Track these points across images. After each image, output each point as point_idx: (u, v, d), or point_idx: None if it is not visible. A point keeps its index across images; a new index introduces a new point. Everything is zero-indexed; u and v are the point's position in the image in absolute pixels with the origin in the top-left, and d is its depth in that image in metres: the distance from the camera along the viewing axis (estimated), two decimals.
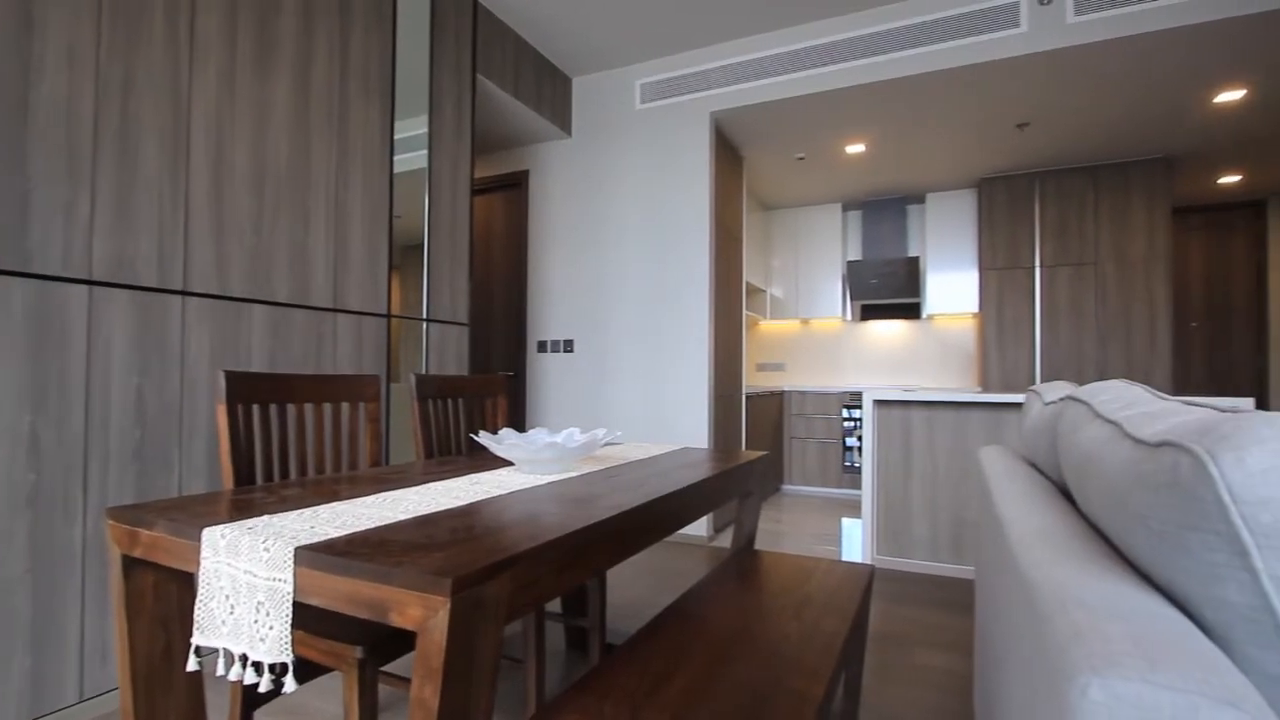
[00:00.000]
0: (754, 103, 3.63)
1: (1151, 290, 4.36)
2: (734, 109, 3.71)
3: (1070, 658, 0.44)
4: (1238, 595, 0.48)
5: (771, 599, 1.51)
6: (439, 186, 2.90)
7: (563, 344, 4.14)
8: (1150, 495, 0.55)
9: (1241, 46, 2.96)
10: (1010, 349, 4.73)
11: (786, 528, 4.11)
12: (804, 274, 5.74)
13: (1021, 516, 0.86)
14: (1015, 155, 4.42)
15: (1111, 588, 0.55)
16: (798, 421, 5.35)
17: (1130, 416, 0.70)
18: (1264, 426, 0.47)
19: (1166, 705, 0.40)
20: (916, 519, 3.26)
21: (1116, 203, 4.46)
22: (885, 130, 4.01)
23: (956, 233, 5.17)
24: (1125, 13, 2.87)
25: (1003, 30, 3.07)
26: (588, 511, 1.09)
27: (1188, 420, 0.57)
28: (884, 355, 5.72)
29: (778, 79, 3.55)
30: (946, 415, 3.21)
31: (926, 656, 2.24)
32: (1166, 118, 3.77)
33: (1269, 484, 0.45)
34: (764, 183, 5.11)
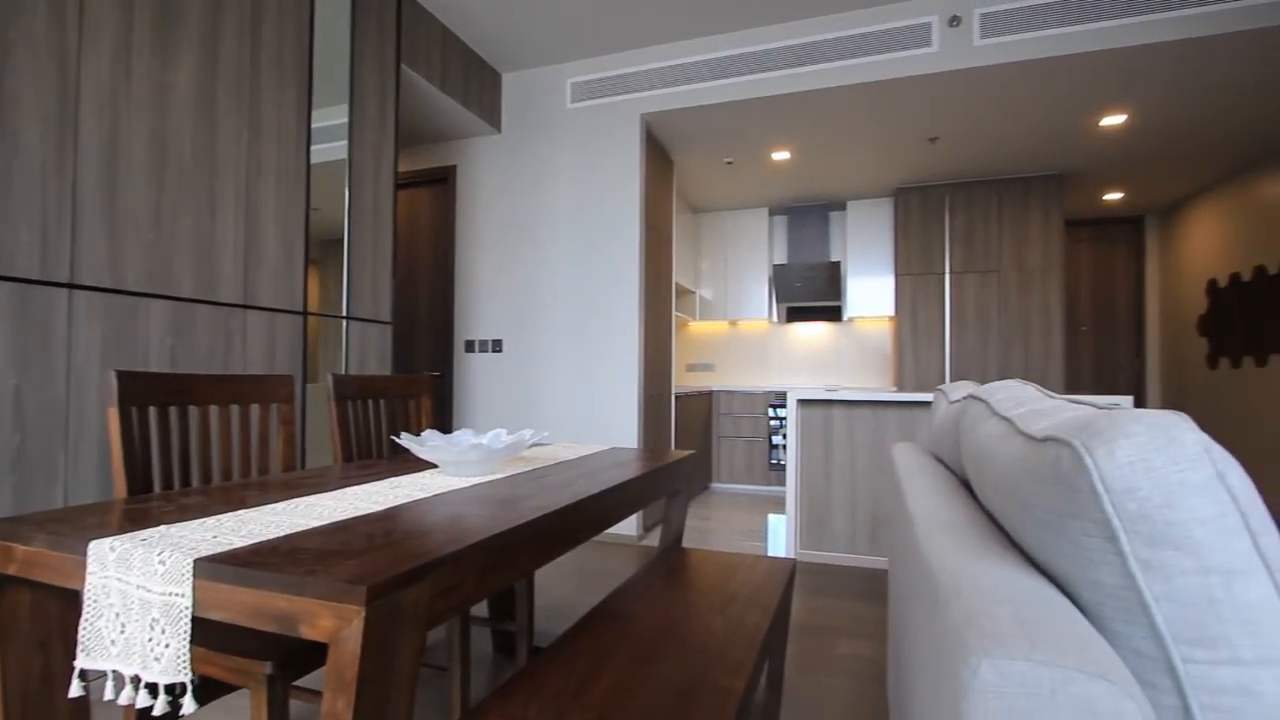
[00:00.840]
0: (684, 107, 3.68)
1: (1047, 297, 4.70)
2: (665, 112, 3.75)
3: (964, 640, 0.48)
4: (1109, 576, 0.52)
5: (697, 596, 1.54)
6: (361, 179, 2.79)
7: (491, 344, 4.07)
8: (1037, 486, 0.59)
9: (1123, 75, 3.23)
10: (923, 350, 5.00)
11: (715, 525, 4.19)
12: (732, 276, 5.86)
13: (926, 509, 0.91)
14: (928, 167, 4.67)
15: (1003, 573, 0.59)
16: (726, 421, 5.46)
17: (1022, 414, 0.76)
18: (1132, 423, 0.52)
19: (1046, 680, 0.43)
20: (837, 513, 3.39)
21: (1017, 215, 4.79)
22: (809, 139, 4.15)
23: (875, 239, 5.42)
24: (1024, 39, 3.08)
25: (916, 49, 3.24)
26: (513, 513, 1.08)
27: (1070, 417, 0.62)
28: (808, 356, 5.92)
29: (707, 84, 3.62)
30: (865, 414, 3.36)
31: (846, 646, 2.34)
32: (1060, 138, 4.08)
33: (1135, 474, 0.50)
34: (694, 186, 5.19)
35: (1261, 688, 0.48)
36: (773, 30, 3.48)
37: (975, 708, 0.44)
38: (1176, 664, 0.50)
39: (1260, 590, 0.48)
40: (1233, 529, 0.49)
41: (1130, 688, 0.44)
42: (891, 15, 3.28)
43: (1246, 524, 0.49)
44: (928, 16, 3.22)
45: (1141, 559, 0.50)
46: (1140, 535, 0.50)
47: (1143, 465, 0.50)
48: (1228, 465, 0.50)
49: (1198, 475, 0.49)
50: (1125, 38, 2.95)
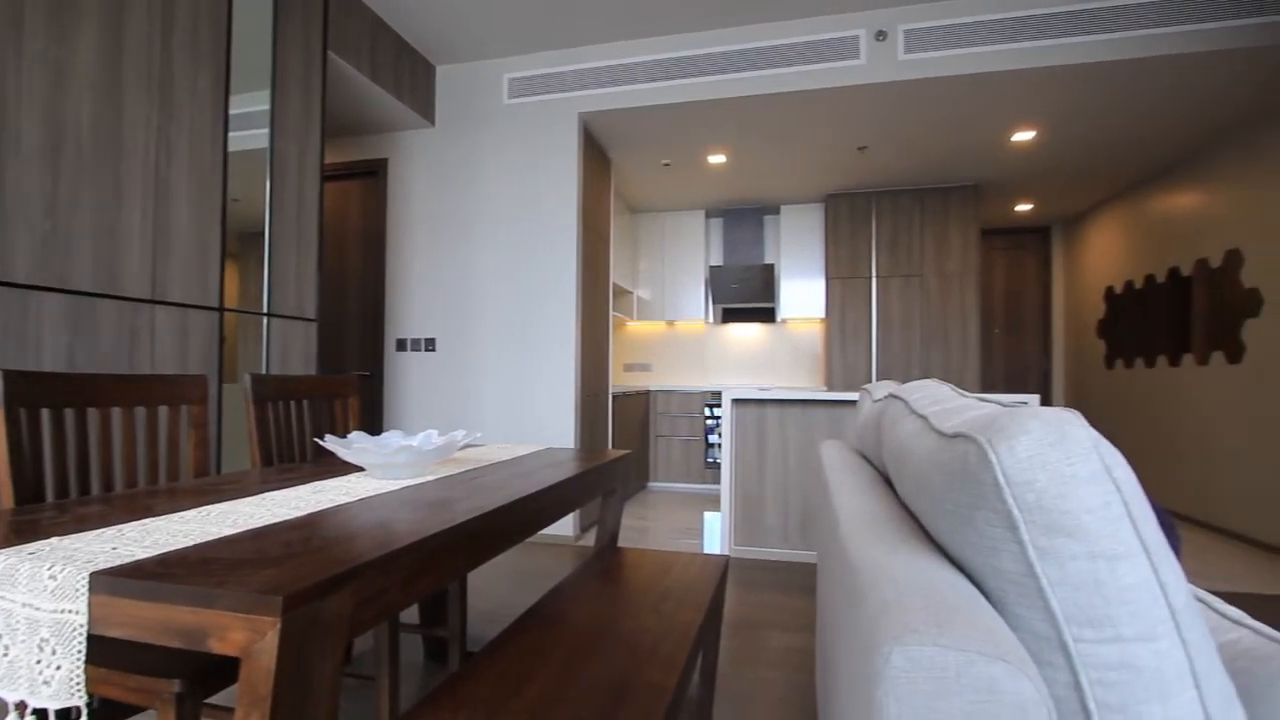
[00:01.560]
0: (622, 107, 3.69)
1: (964, 301, 4.97)
2: (602, 112, 3.75)
3: (878, 629, 0.50)
4: (1011, 564, 0.56)
5: (632, 595, 1.55)
6: (284, 168, 2.66)
7: (424, 342, 3.96)
8: (947, 480, 0.63)
9: (1033, 95, 3.45)
10: (851, 351, 5.19)
11: (652, 524, 4.21)
12: (670, 277, 5.92)
13: (850, 504, 0.95)
14: (857, 175, 4.85)
15: (917, 564, 0.63)
16: (663, 420, 5.50)
17: (936, 412, 0.80)
18: (1031, 419, 0.56)
19: (952, 664, 0.46)
20: (770, 510, 3.47)
21: (938, 223, 5.04)
22: (744, 143, 4.23)
23: (807, 243, 5.59)
24: (944, 55, 3.25)
25: (845, 60, 3.36)
26: (444, 516, 1.05)
27: (978, 415, 0.66)
28: (743, 356, 6.04)
29: (645, 86, 3.64)
30: (796, 412, 3.46)
31: (778, 638, 2.40)
32: (977, 151, 4.32)
33: (1033, 467, 0.54)
34: (632, 186, 5.21)
35: (1141, 663, 0.52)
36: (709, 36, 3.53)
37: (888, 693, 0.47)
38: (1069, 643, 0.54)
39: (1140, 573, 0.53)
40: (1117, 517, 0.53)
41: (1027, 668, 0.47)
42: (822, 27, 3.39)
43: (1129, 512, 0.53)
44: (855, 30, 3.35)
45: (1039, 546, 0.54)
46: (1037, 524, 0.54)
47: (1039, 459, 0.54)
48: (1113, 458, 0.54)
49: (1087, 468, 0.53)
50: (1034, 60, 3.15)
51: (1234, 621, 0.73)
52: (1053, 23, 3.12)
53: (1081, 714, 0.54)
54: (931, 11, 3.26)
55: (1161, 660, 0.52)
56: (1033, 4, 3.14)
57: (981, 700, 0.45)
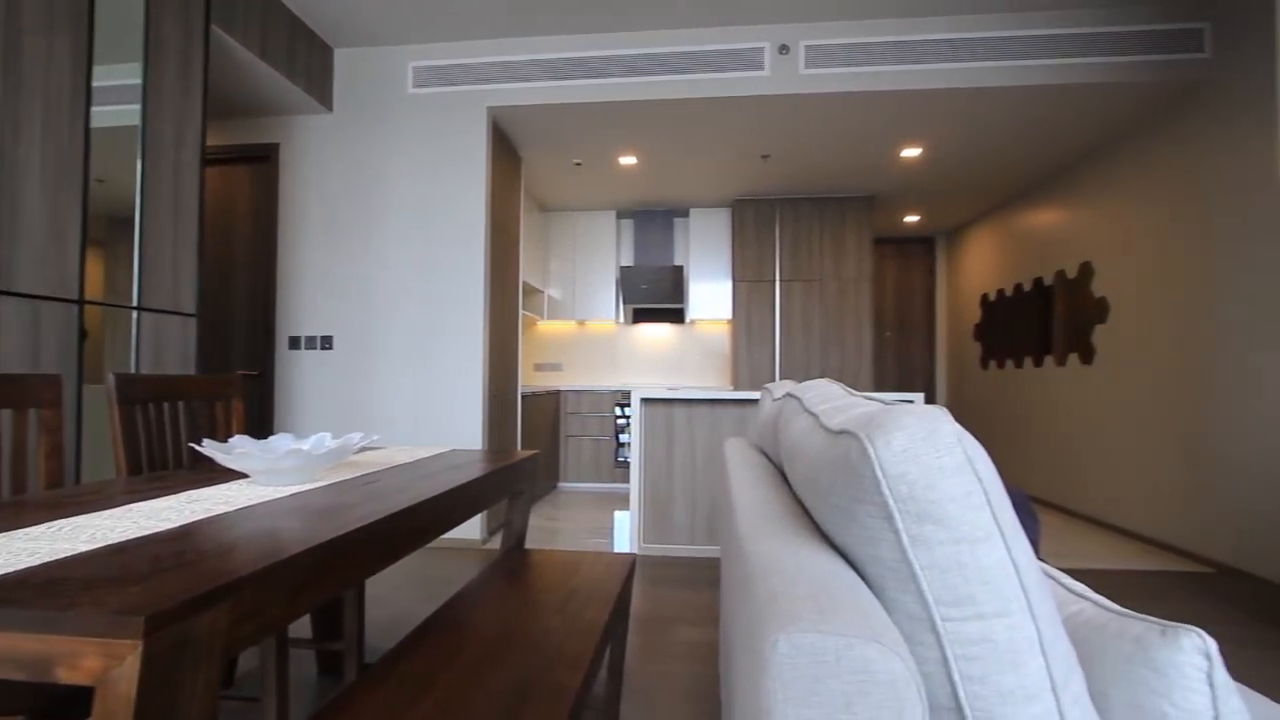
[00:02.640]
0: (531, 104, 3.64)
1: (859, 305, 5.27)
2: (512, 107, 3.69)
3: (766, 618, 0.52)
4: (888, 552, 0.60)
5: (538, 596, 1.53)
6: (159, 147, 2.44)
7: (320, 340, 3.74)
8: (832, 474, 0.67)
9: (920, 114, 3.71)
10: (757, 352, 5.38)
11: (562, 524, 4.19)
12: (581, 277, 5.91)
13: (747, 499, 0.99)
14: (762, 182, 5.02)
15: (804, 555, 0.66)
16: (574, 420, 5.48)
17: (825, 410, 0.84)
18: (906, 416, 0.60)
19: (831, 648, 0.49)
20: (678, 507, 3.54)
21: (835, 230, 5.31)
22: (654, 146, 4.29)
23: (715, 246, 5.73)
24: (841, 72, 3.43)
25: (750, 71, 3.47)
26: (335, 523, 1.00)
27: (861, 413, 0.70)
28: (654, 356, 6.12)
29: (555, 83, 3.61)
30: (704, 411, 3.54)
31: (685, 632, 2.45)
32: (870, 164, 4.59)
33: (906, 461, 0.58)
34: (543, 185, 5.15)
35: (998, 637, 0.58)
36: (622, 37, 3.55)
37: (774, 679, 0.49)
38: (937, 622, 0.59)
39: (997, 555, 0.58)
40: (977, 504, 0.58)
41: (899, 648, 0.51)
42: (730, 37, 3.49)
43: (988, 500, 0.58)
44: (761, 42, 3.47)
45: (911, 534, 0.58)
46: (910, 514, 0.58)
47: (912, 453, 0.58)
48: (975, 451, 0.60)
49: (952, 460, 0.58)
50: (920, 82, 3.38)
51: (1077, 595, 0.81)
52: (938, 49, 3.36)
53: (949, 685, 0.59)
54: (830, 30, 3.43)
55: (1014, 633, 0.58)
56: (920, 30, 3.37)
57: (858, 680, 0.48)
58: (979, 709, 0.58)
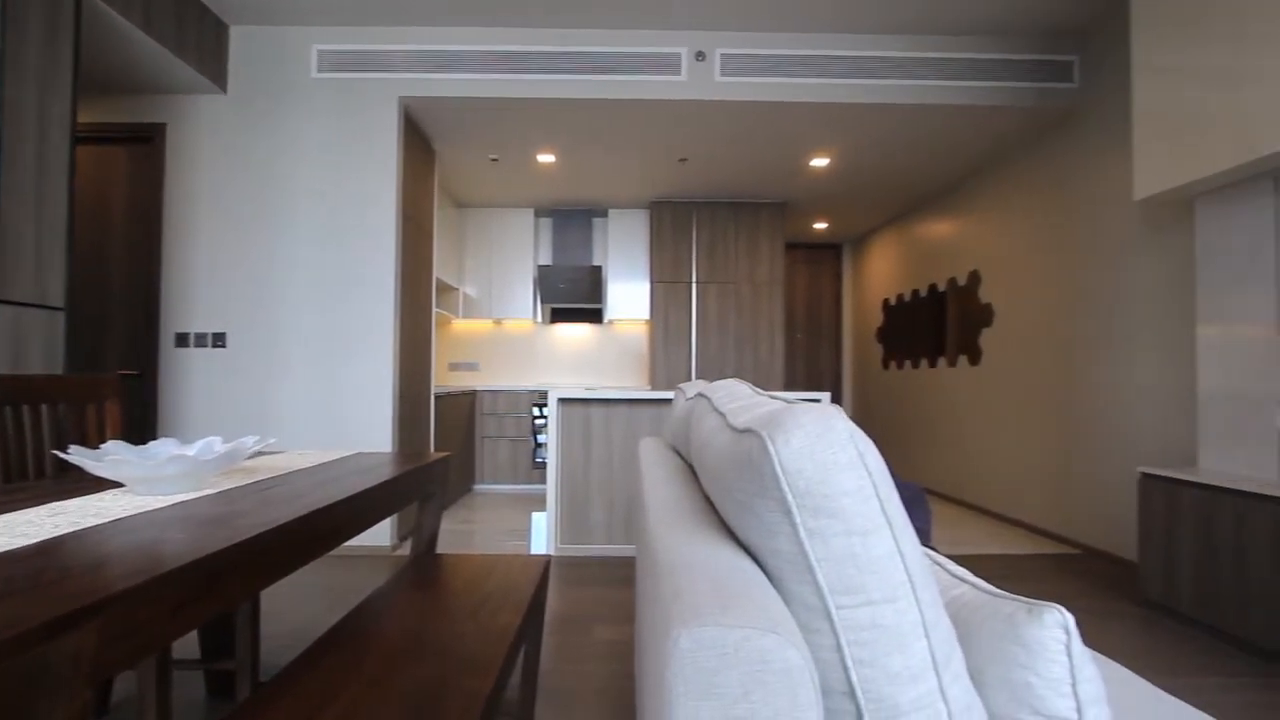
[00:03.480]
0: (446, 96, 3.54)
1: (771, 308, 5.46)
2: (425, 98, 3.57)
3: (670, 614, 0.53)
4: (786, 545, 0.63)
5: (448, 601, 1.49)
6: (19, 121, 2.19)
7: (212, 337, 3.49)
8: (737, 471, 0.69)
9: (828, 126, 3.88)
10: (673, 352, 5.46)
11: (477, 527, 4.10)
12: (497, 275, 5.80)
13: (659, 496, 1.00)
14: (679, 185, 5.11)
15: (709, 551, 0.68)
16: (490, 420, 5.37)
17: (733, 409, 0.87)
18: (803, 414, 0.63)
19: (731, 641, 0.50)
20: (595, 507, 3.54)
21: (750, 235, 5.48)
22: (573, 145, 4.27)
23: (633, 247, 5.78)
24: (754, 81, 3.54)
25: (668, 75, 3.53)
26: (222, 533, 0.94)
27: (765, 411, 0.73)
28: (572, 356, 6.10)
29: (473, 76, 3.52)
30: (621, 411, 3.56)
31: (602, 631, 2.45)
32: (783, 171, 4.76)
33: (803, 457, 0.61)
34: (458, 180, 5.02)
35: (886, 621, 0.61)
36: (541, 34, 3.51)
37: (675, 674, 0.50)
38: (832, 611, 0.62)
39: (885, 545, 0.62)
40: (868, 497, 0.61)
41: (794, 638, 0.53)
42: (649, 41, 3.53)
43: (877, 493, 0.62)
44: (678, 47, 3.53)
45: (808, 528, 0.61)
46: (807, 508, 0.61)
47: (809, 450, 0.61)
48: (865, 446, 0.63)
49: (845, 456, 0.61)
50: (829, 95, 3.54)
51: (959, 579, 0.88)
52: (845, 65, 3.53)
53: (842, 670, 0.62)
54: (746, 40, 3.54)
55: (901, 618, 0.62)
56: (829, 46, 3.53)
57: (755, 670, 0.50)
58: (869, 691, 0.61)
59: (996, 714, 0.71)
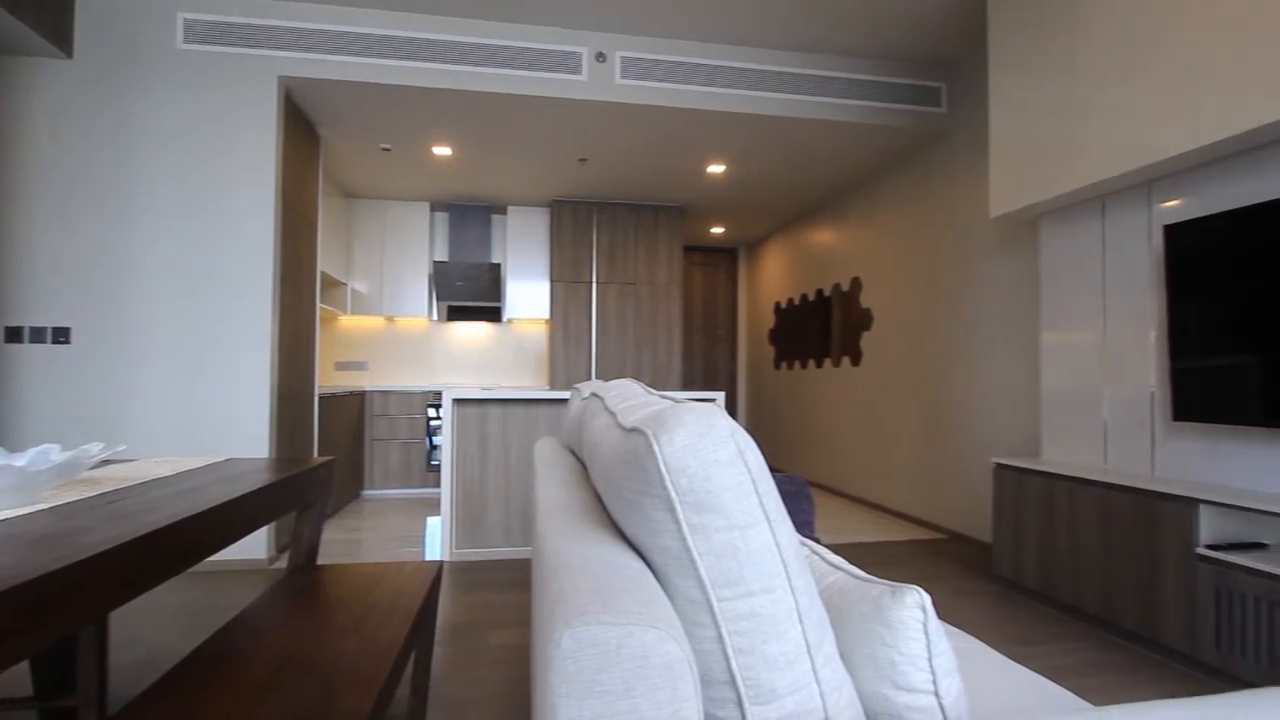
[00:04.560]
0: (332, 79, 3.34)
1: (670, 309, 5.57)
2: (309, 80, 3.35)
3: (554, 614, 0.53)
4: (671, 541, 0.64)
5: (329, 615, 1.41)
6: None
7: (52, 331, 3.10)
8: (625, 470, 0.70)
9: (724, 134, 4.01)
10: (573, 352, 5.44)
11: (366, 535, 3.89)
12: (390, 270, 5.54)
13: (551, 497, 1.00)
14: (579, 184, 5.10)
15: (597, 550, 0.68)
16: (381, 422, 5.13)
17: (624, 408, 0.88)
18: (687, 414, 0.65)
19: (612, 638, 0.51)
20: (492, 509, 3.46)
21: (650, 237, 5.56)
22: (470, 139, 4.16)
23: (533, 245, 5.70)
24: (653, 86, 3.59)
25: (569, 74, 3.51)
26: (55, 553, 0.83)
27: (653, 411, 0.75)
28: (469, 355, 5.93)
29: (361, 60, 3.34)
30: (519, 412, 3.50)
31: (497, 636, 2.40)
32: (681, 176, 4.87)
33: (686, 456, 0.62)
34: (347, 169, 4.75)
35: (763, 610, 0.64)
36: (438, 21, 3.39)
37: (557, 674, 0.50)
38: (714, 603, 0.64)
39: (763, 538, 0.65)
40: (747, 493, 0.64)
41: (675, 632, 0.54)
42: (549, 38, 3.50)
43: (756, 488, 0.65)
44: (579, 47, 3.52)
45: (691, 524, 0.63)
46: (690, 505, 0.63)
47: (692, 448, 0.63)
48: (745, 444, 0.66)
49: (726, 453, 0.63)
50: (724, 104, 3.66)
51: (833, 566, 0.93)
52: (740, 77, 3.66)
53: (724, 659, 0.64)
54: (647, 45, 3.59)
55: (777, 606, 0.65)
56: (726, 57, 3.65)
57: (637, 666, 0.51)
58: (749, 677, 0.64)
59: (864, 690, 0.76)
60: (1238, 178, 2.24)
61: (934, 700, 0.73)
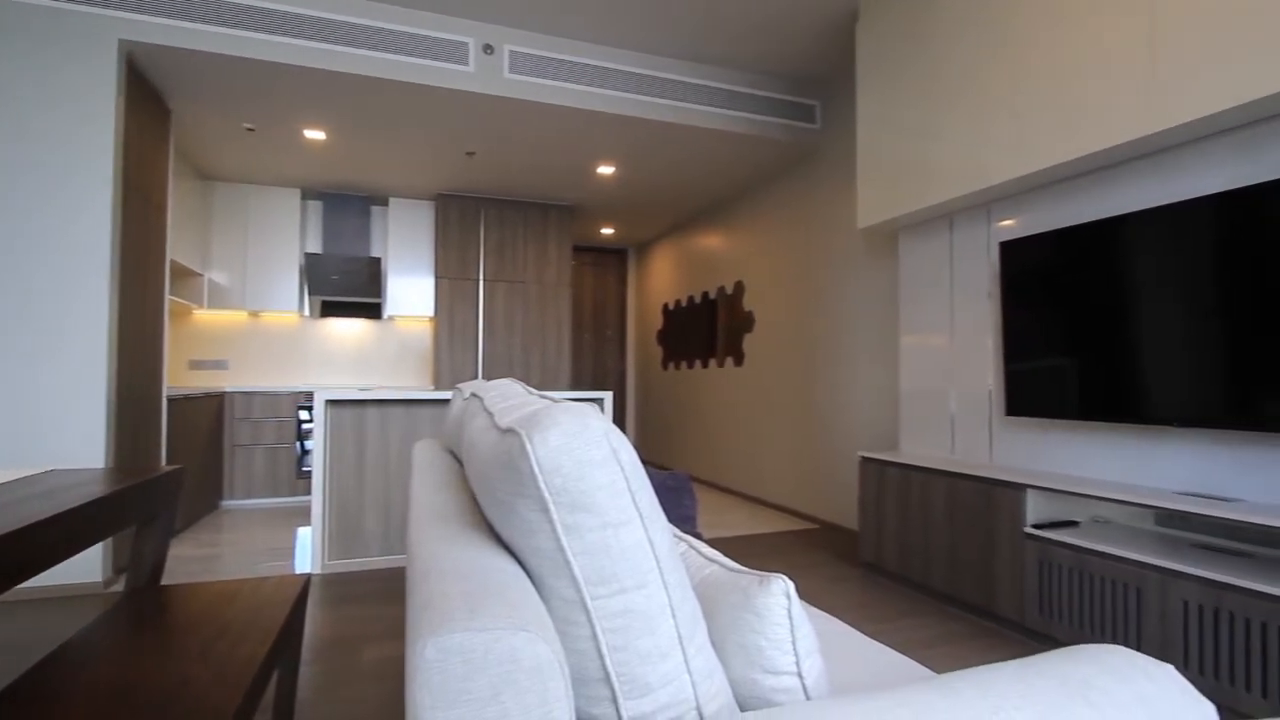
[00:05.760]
0: (182, 47, 3.02)
1: (559, 309, 5.53)
2: (157, 46, 3.01)
3: (418, 624, 0.51)
4: (545, 542, 0.64)
5: (174, 640, 1.28)
6: None
7: None
8: (499, 471, 0.69)
9: (613, 137, 4.04)
10: (459, 351, 5.28)
11: (225, 549, 3.57)
12: (255, 261, 5.10)
13: (426, 501, 0.96)
14: (466, 178, 4.94)
15: (469, 554, 0.67)
16: (243, 426, 4.71)
17: (502, 408, 0.86)
18: (562, 414, 0.65)
19: (480, 644, 0.50)
20: (370, 516, 3.29)
21: (539, 235, 5.50)
22: (348, 124, 3.92)
23: (416, 240, 5.46)
24: (543, 84, 3.56)
25: (454, 64, 3.40)
26: None
27: (530, 411, 0.74)
28: (346, 354, 5.58)
29: (216, 29, 3.05)
30: (399, 413, 3.35)
31: (374, 650, 2.28)
32: (572, 175, 4.85)
33: (559, 456, 0.62)
34: (203, 148, 4.32)
35: (636, 607, 0.66)
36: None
37: (421, 686, 0.48)
38: (588, 602, 0.64)
39: (636, 535, 0.66)
40: (620, 491, 0.65)
41: (545, 633, 0.54)
42: (436, 24, 3.37)
43: (629, 486, 0.66)
44: (466, 37, 3.42)
45: (565, 524, 0.63)
46: (564, 505, 0.63)
47: (565, 448, 0.63)
48: (619, 443, 0.67)
49: (600, 452, 0.64)
50: (612, 107, 3.69)
51: (709, 559, 0.97)
52: (629, 81, 3.71)
53: (598, 657, 0.65)
54: (537, 41, 3.54)
55: (650, 602, 0.67)
56: (615, 60, 3.68)
57: (505, 670, 0.51)
58: (623, 673, 0.65)
59: (735, 676, 0.80)
60: (1060, 202, 2.56)
61: (797, 681, 0.78)
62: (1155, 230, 2.14)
